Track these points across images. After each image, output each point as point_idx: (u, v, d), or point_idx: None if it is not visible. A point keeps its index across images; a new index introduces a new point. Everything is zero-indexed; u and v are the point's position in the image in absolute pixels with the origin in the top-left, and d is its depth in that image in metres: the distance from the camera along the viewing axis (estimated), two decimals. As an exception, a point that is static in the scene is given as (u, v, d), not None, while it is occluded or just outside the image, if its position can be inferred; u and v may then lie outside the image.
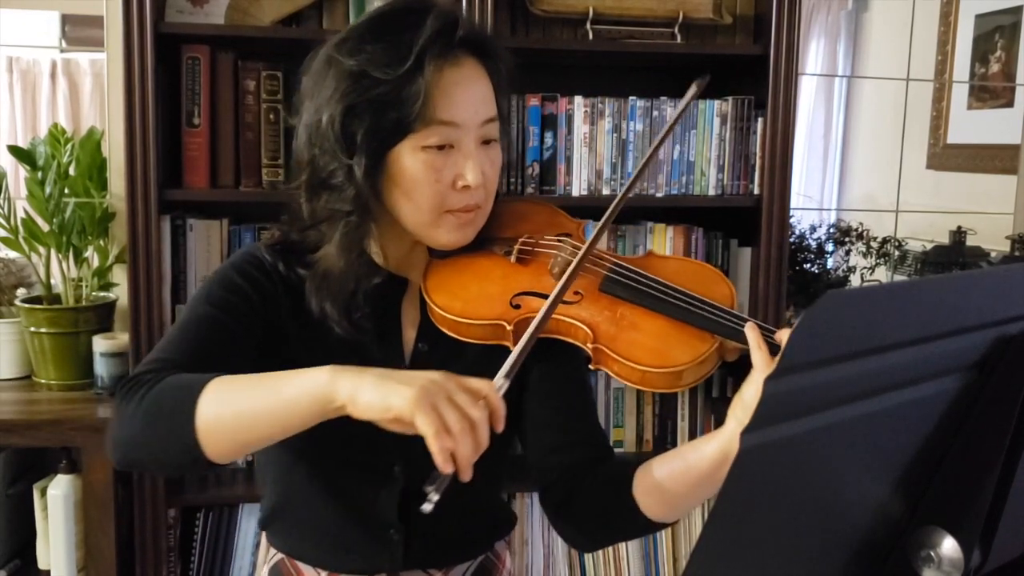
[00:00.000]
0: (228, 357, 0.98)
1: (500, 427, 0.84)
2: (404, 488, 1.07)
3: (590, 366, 0.99)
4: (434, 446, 0.80)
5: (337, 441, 1.00)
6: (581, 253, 1.00)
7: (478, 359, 1.04)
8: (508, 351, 0.96)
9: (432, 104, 0.97)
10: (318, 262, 1.03)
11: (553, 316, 0.98)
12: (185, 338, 0.99)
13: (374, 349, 1.06)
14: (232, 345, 1.00)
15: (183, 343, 0.98)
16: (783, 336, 0.89)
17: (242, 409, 0.87)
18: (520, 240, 1.09)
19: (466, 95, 1.00)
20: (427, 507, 0.82)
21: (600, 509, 1.04)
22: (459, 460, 0.80)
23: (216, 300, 1.02)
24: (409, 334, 1.11)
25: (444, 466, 0.80)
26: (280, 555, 1.14)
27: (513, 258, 1.07)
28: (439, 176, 1.00)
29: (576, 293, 1.01)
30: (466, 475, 0.81)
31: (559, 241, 1.08)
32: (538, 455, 1.11)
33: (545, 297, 0.99)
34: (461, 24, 1.00)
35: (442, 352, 1.08)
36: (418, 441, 0.97)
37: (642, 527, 1.00)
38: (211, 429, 0.87)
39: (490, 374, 0.88)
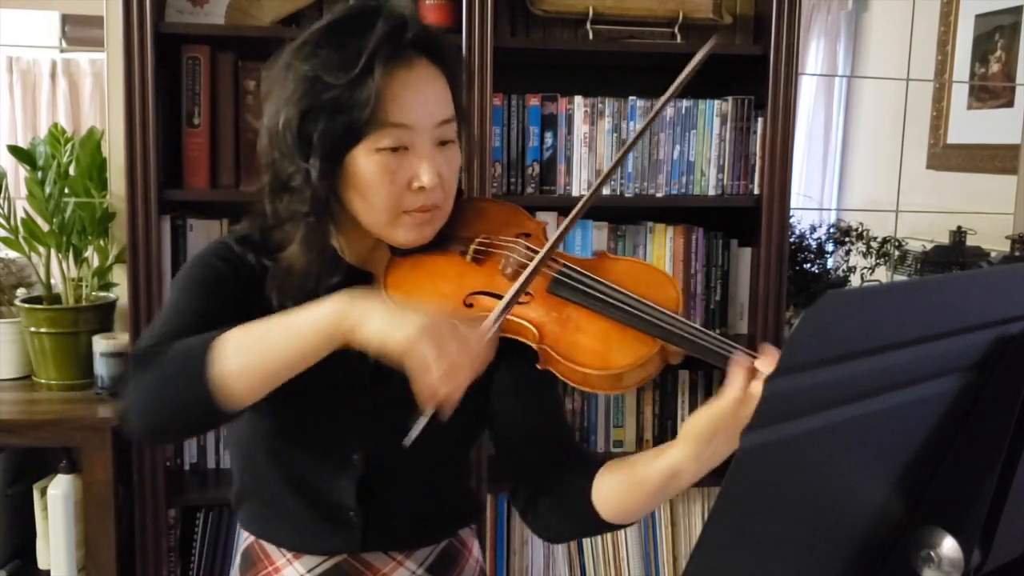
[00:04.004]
0: (223, 325, 1.02)
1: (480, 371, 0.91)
2: (362, 476, 1.10)
3: (537, 365, 1.02)
4: (418, 385, 0.86)
5: (298, 428, 1.07)
6: (537, 258, 1.01)
7: None
8: None
9: (383, 108, 0.99)
10: (282, 259, 1.07)
11: (506, 317, 1.01)
12: (181, 312, 1.04)
13: None
14: (223, 316, 1.03)
15: (180, 316, 1.03)
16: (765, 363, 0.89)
17: (256, 346, 0.92)
18: (477, 240, 1.10)
19: (418, 97, 1.02)
20: (407, 442, 0.89)
21: (563, 510, 1.09)
22: (441, 402, 0.87)
23: (200, 279, 1.07)
24: None
25: (426, 404, 0.87)
26: (251, 538, 1.18)
27: (469, 257, 1.09)
28: (394, 178, 1.02)
29: (527, 294, 1.04)
30: (445, 415, 0.88)
31: (514, 241, 1.10)
32: (507, 454, 1.15)
33: (497, 297, 1.02)
34: (410, 25, 1.02)
35: None
36: (375, 431, 1.05)
37: (602, 528, 1.05)
38: (226, 374, 0.91)
39: None
